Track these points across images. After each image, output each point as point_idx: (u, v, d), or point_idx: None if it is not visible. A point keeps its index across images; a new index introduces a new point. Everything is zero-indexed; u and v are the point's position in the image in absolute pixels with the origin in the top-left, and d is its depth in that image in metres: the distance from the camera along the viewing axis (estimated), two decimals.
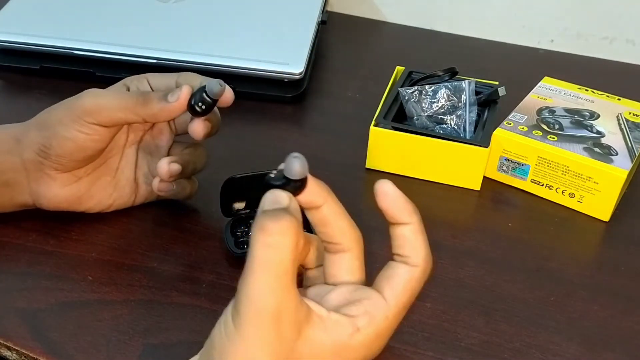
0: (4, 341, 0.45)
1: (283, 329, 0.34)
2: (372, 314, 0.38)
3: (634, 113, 0.62)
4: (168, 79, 0.51)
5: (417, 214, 0.39)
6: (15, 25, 0.71)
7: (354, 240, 0.40)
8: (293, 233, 0.34)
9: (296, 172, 0.36)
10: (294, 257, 0.34)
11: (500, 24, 0.82)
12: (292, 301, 0.34)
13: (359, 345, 0.37)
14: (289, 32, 0.72)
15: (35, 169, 0.49)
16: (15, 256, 0.50)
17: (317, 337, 0.36)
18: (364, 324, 0.37)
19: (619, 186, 0.55)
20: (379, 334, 0.38)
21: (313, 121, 0.69)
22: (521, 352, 0.46)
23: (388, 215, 0.39)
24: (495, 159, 0.59)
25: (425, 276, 0.40)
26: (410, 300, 0.39)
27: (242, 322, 0.34)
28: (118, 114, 0.47)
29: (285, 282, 0.34)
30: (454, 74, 0.63)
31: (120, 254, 0.51)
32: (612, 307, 0.49)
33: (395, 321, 0.39)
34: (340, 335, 0.37)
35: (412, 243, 0.39)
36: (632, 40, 0.78)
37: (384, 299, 0.38)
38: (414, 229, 0.39)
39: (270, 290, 0.33)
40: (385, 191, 0.39)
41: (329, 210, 0.39)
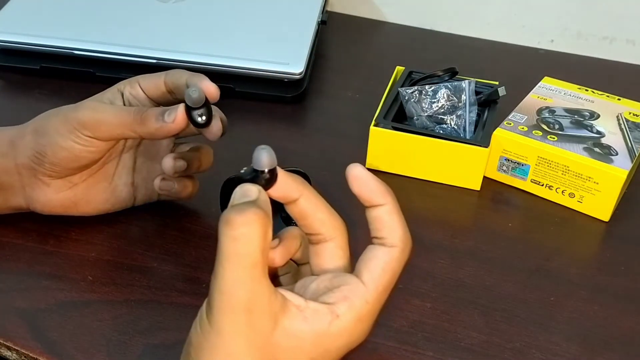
0: (4, 341, 0.45)
1: (257, 320, 0.34)
2: (351, 299, 0.37)
3: (634, 113, 0.62)
4: (156, 79, 0.50)
5: (390, 194, 0.39)
6: (15, 25, 0.71)
7: (335, 229, 0.40)
8: (259, 224, 0.34)
9: (263, 163, 0.37)
10: (263, 248, 0.34)
11: (500, 24, 0.82)
12: (264, 292, 0.35)
13: (340, 331, 0.37)
14: (289, 32, 0.72)
15: (29, 174, 0.49)
16: (15, 256, 0.50)
17: (295, 326, 0.36)
18: (343, 310, 0.37)
19: (619, 186, 0.55)
20: (359, 319, 0.38)
21: (313, 121, 0.69)
22: (521, 352, 0.46)
23: (362, 199, 0.39)
24: (495, 159, 0.59)
25: (404, 256, 0.39)
26: (390, 282, 0.39)
27: (215, 316, 0.34)
28: (116, 130, 0.47)
29: (255, 274, 0.34)
30: (454, 74, 0.63)
31: (120, 254, 0.51)
32: (612, 307, 0.49)
33: (377, 304, 0.38)
34: (319, 324, 0.36)
35: (388, 224, 0.39)
36: (632, 40, 0.78)
37: (363, 283, 0.38)
38: (388, 210, 0.39)
39: (241, 283, 0.34)
40: (355, 175, 0.38)
41: (306, 202, 0.39)
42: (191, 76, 0.48)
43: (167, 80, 0.49)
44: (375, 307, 0.39)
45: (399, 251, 0.39)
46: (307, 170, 0.51)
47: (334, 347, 0.37)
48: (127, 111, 0.47)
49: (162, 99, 0.51)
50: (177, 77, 0.49)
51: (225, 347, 0.34)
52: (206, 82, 0.47)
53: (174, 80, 0.49)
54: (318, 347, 0.37)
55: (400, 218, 0.39)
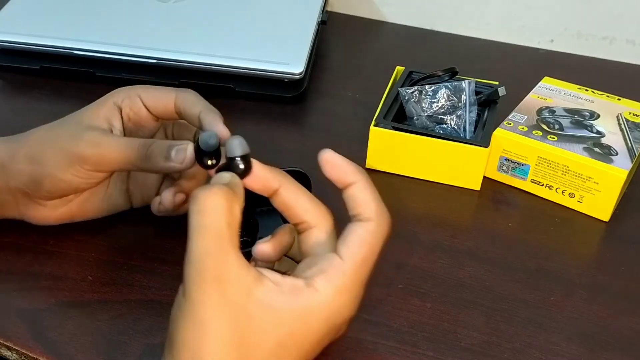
0: (4, 341, 0.45)
1: (228, 290, 0.35)
2: (328, 271, 0.38)
3: (634, 113, 0.62)
4: (165, 97, 0.48)
5: (361, 172, 0.40)
6: (15, 25, 0.71)
7: (318, 216, 0.41)
8: (223, 199, 0.36)
9: (235, 150, 0.39)
10: (228, 221, 0.36)
11: (500, 24, 0.82)
12: (233, 263, 0.36)
13: (319, 305, 0.37)
14: (289, 32, 0.72)
15: (23, 196, 0.48)
16: (15, 256, 0.50)
17: (270, 298, 0.36)
18: (320, 283, 0.37)
19: (619, 186, 0.55)
20: (338, 291, 0.37)
21: (313, 121, 0.69)
22: (521, 352, 0.46)
23: (335, 181, 0.40)
24: (495, 159, 0.59)
25: (381, 228, 0.39)
26: (369, 254, 0.39)
27: (186, 287, 0.36)
28: (119, 166, 0.46)
29: (221, 244, 0.36)
30: (454, 74, 0.63)
31: (120, 254, 0.51)
32: (612, 307, 0.49)
33: (355, 276, 0.38)
34: (296, 297, 0.37)
35: (361, 199, 0.40)
36: (632, 40, 0.78)
37: (340, 257, 0.38)
38: (360, 187, 0.40)
39: (207, 253, 0.35)
40: (327, 159, 0.40)
41: (286, 192, 0.40)
42: (206, 111, 0.46)
43: (179, 103, 0.48)
44: (354, 280, 0.38)
45: (375, 224, 0.39)
46: (307, 170, 0.51)
47: (315, 321, 0.37)
48: (131, 146, 0.46)
49: (167, 117, 0.50)
50: (190, 105, 0.47)
51: (195, 315, 0.35)
52: (221, 127, 0.45)
53: (186, 107, 0.47)
54: (297, 321, 0.37)
55: (373, 193, 0.40)
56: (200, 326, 0.35)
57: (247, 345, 0.36)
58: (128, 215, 0.54)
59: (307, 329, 0.37)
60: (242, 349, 0.35)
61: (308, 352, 0.38)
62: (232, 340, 0.35)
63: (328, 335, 0.39)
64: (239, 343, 0.35)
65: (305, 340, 0.37)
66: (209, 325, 0.35)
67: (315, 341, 0.38)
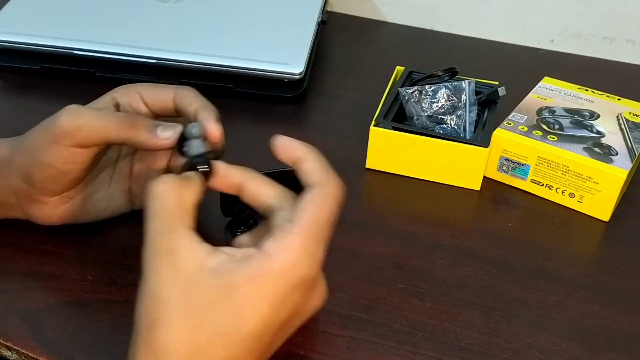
0: (4, 341, 0.45)
1: (178, 262, 0.37)
2: (276, 234, 0.38)
3: (634, 113, 0.62)
4: (164, 93, 0.48)
5: (309, 147, 0.42)
6: (15, 25, 0.71)
7: (281, 198, 0.42)
8: (169, 183, 0.39)
9: (193, 149, 0.43)
10: (177, 202, 0.39)
11: (500, 24, 0.82)
12: (183, 238, 0.38)
13: (272, 265, 0.37)
14: (289, 32, 0.72)
15: (24, 195, 0.48)
16: (15, 256, 0.50)
17: (223, 267, 0.37)
18: (270, 246, 0.38)
19: (619, 186, 0.55)
20: (286, 248, 0.38)
21: (313, 121, 0.69)
22: (521, 352, 0.46)
23: (286, 161, 0.42)
24: (495, 159, 0.59)
25: (328, 189, 0.40)
26: (317, 214, 0.39)
27: (143, 267, 0.38)
28: (97, 135, 0.45)
29: (171, 223, 0.38)
30: (454, 74, 0.63)
31: (120, 254, 0.51)
32: (612, 307, 0.49)
33: (305, 234, 0.38)
34: (249, 261, 0.37)
35: (309, 170, 0.41)
36: (632, 40, 0.78)
37: (289, 220, 0.39)
38: (307, 158, 0.41)
39: (157, 232, 0.38)
40: (278, 143, 0.42)
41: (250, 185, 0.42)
42: (202, 107, 0.46)
43: (177, 99, 0.48)
44: (305, 237, 0.38)
45: (323, 186, 0.40)
46: None
47: (269, 282, 0.37)
48: (113, 115, 0.45)
49: (166, 114, 0.49)
50: (188, 101, 0.47)
51: (149, 289, 0.37)
52: (212, 123, 0.45)
53: (184, 104, 0.47)
54: (250, 283, 0.37)
55: (319, 162, 0.41)
56: (153, 298, 0.37)
57: (199, 313, 0.36)
58: (128, 216, 0.54)
59: (261, 290, 0.37)
60: (195, 317, 0.36)
61: (266, 315, 0.37)
62: (184, 308, 0.36)
63: (289, 297, 0.38)
64: (191, 311, 0.36)
65: (261, 301, 0.37)
66: (163, 295, 0.37)
67: (273, 302, 0.37)
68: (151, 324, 0.37)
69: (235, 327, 0.37)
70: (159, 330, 0.36)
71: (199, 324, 0.36)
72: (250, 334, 0.37)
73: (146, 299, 0.37)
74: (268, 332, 0.38)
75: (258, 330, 0.37)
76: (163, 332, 0.36)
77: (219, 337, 0.36)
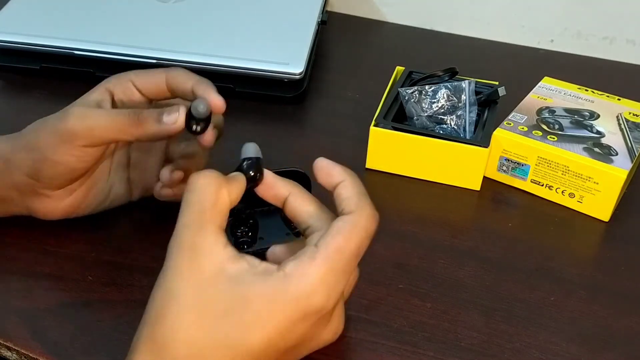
0: (4, 341, 0.45)
1: (199, 259, 0.37)
2: (299, 257, 0.38)
3: (634, 113, 0.62)
4: (155, 77, 0.48)
5: (348, 172, 0.41)
6: (15, 25, 0.71)
7: (322, 220, 0.41)
8: (210, 179, 0.39)
9: (246, 151, 0.43)
10: (212, 200, 0.38)
11: (500, 24, 0.82)
12: (209, 237, 0.37)
13: (287, 287, 0.36)
14: (289, 32, 0.72)
15: (28, 189, 0.48)
16: (15, 256, 0.50)
17: (241, 276, 0.37)
18: (290, 267, 0.37)
19: (619, 186, 0.55)
20: (305, 274, 0.37)
21: (313, 121, 0.69)
22: (521, 352, 0.46)
23: (325, 185, 0.41)
24: (495, 159, 0.59)
25: (360, 219, 0.39)
26: (343, 244, 0.38)
27: (166, 258, 0.38)
28: (109, 135, 0.46)
29: (201, 220, 0.38)
30: (454, 74, 0.63)
31: (120, 254, 0.51)
32: (612, 307, 0.49)
33: (326, 263, 0.37)
34: (266, 278, 0.37)
35: (344, 195, 0.40)
36: (632, 40, 0.78)
37: (315, 245, 0.38)
38: (345, 184, 0.40)
39: (186, 225, 0.38)
40: (319, 167, 0.42)
41: (294, 199, 0.42)
42: (198, 83, 0.47)
43: (170, 81, 0.48)
44: (326, 267, 0.37)
45: (353, 215, 0.39)
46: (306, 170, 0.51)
47: (280, 302, 0.36)
48: (121, 114, 0.46)
49: (160, 97, 0.50)
50: (182, 80, 0.47)
51: (166, 280, 0.37)
52: (213, 95, 0.45)
53: (178, 83, 0.48)
54: (261, 299, 0.36)
55: (356, 188, 0.40)
56: (167, 290, 0.37)
57: (209, 314, 0.36)
58: (128, 215, 0.54)
59: (271, 309, 0.36)
60: (203, 321, 0.36)
61: (272, 337, 0.36)
62: (194, 309, 0.36)
63: (299, 324, 0.37)
64: (201, 311, 0.36)
65: (270, 322, 0.36)
66: (176, 289, 0.36)
67: (282, 326, 0.37)
68: (159, 315, 0.37)
69: (239, 341, 0.36)
70: (164, 324, 0.36)
71: (206, 329, 0.36)
72: (252, 352, 0.36)
73: (160, 289, 0.37)
74: (270, 354, 0.37)
75: (260, 350, 0.37)
76: (168, 326, 0.36)
77: (222, 347, 0.36)
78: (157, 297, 0.37)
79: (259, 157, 0.42)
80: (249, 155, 0.42)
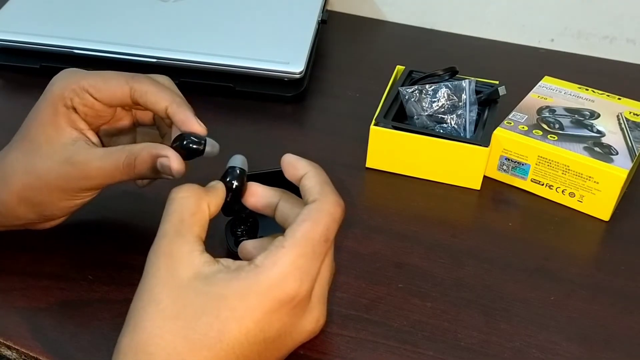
0: (4, 340, 0.45)
1: (175, 265, 0.37)
2: (268, 249, 0.38)
3: (634, 112, 0.62)
4: (115, 88, 0.45)
5: (312, 165, 0.42)
6: (15, 25, 0.71)
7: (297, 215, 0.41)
8: (190, 191, 0.40)
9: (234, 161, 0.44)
10: (192, 211, 0.39)
11: (500, 23, 0.82)
12: (185, 244, 0.38)
13: (259, 277, 0.37)
14: (289, 31, 0.72)
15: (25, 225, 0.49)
16: (15, 256, 0.50)
17: (215, 277, 0.37)
18: (260, 259, 0.38)
19: (619, 186, 0.55)
20: (275, 263, 0.37)
21: (313, 121, 0.69)
22: (521, 352, 0.46)
23: (291, 178, 0.42)
24: (495, 159, 0.59)
25: (324, 206, 0.39)
26: (310, 229, 0.38)
27: (145, 266, 0.39)
28: (104, 183, 0.46)
29: (178, 228, 0.38)
30: (454, 74, 0.63)
31: (120, 253, 0.51)
32: (612, 307, 0.49)
33: (295, 249, 0.38)
34: (239, 273, 0.37)
35: (309, 186, 0.41)
36: (633, 40, 0.78)
37: (283, 235, 0.39)
38: (309, 175, 0.42)
39: (165, 234, 0.38)
40: (285, 161, 0.43)
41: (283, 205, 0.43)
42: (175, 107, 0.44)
43: (138, 98, 0.45)
44: (296, 253, 0.38)
45: (319, 202, 0.40)
46: None
47: (253, 294, 0.37)
48: (115, 165, 0.44)
49: (124, 106, 0.48)
50: (153, 100, 0.45)
51: (144, 286, 0.38)
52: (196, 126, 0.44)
53: (148, 103, 0.45)
54: (236, 294, 0.37)
55: (319, 178, 0.41)
56: (146, 296, 0.37)
57: (186, 320, 0.36)
58: (129, 214, 0.54)
59: (246, 302, 0.37)
60: (180, 323, 0.36)
61: (250, 329, 0.37)
62: (172, 313, 0.36)
63: (275, 314, 0.37)
64: (177, 317, 0.36)
65: (246, 315, 0.37)
66: (154, 295, 0.37)
67: (258, 317, 0.37)
68: (137, 324, 0.37)
69: (217, 339, 0.36)
70: (143, 329, 0.36)
71: (184, 331, 0.36)
72: (232, 348, 0.36)
73: (139, 296, 0.38)
74: (252, 348, 0.37)
75: (240, 344, 0.37)
76: (147, 332, 0.36)
77: (200, 347, 0.36)
78: (136, 303, 0.38)
79: (244, 169, 0.43)
80: (232, 165, 0.43)
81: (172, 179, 0.45)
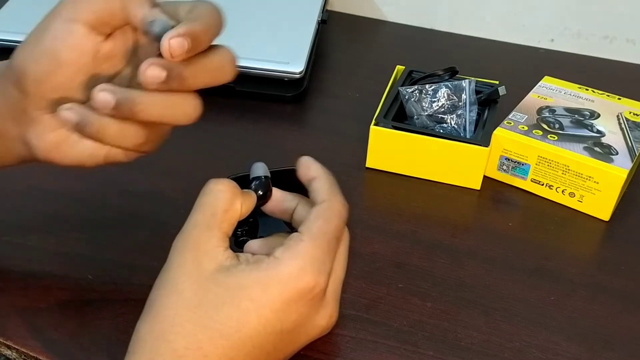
0: (4, 340, 0.45)
1: (200, 257, 0.38)
2: (287, 242, 0.39)
3: (634, 112, 0.62)
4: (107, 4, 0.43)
5: (323, 169, 0.44)
6: (15, 25, 0.71)
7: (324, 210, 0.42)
8: (227, 187, 0.40)
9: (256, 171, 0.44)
10: (225, 207, 0.40)
11: (500, 23, 0.82)
12: (213, 238, 0.39)
13: (279, 269, 0.38)
14: (289, 31, 0.72)
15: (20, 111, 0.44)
16: (15, 255, 0.50)
17: (236, 269, 0.38)
18: (279, 252, 0.39)
19: (619, 186, 0.55)
20: (294, 255, 0.39)
21: (313, 120, 0.69)
22: (521, 352, 0.46)
23: (302, 178, 0.44)
24: (495, 159, 0.59)
25: (333, 205, 0.41)
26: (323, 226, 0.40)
27: (170, 254, 0.39)
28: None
29: (209, 221, 0.39)
30: (454, 73, 0.63)
31: (120, 253, 0.51)
32: (612, 307, 0.49)
33: (311, 242, 0.39)
34: (259, 265, 0.38)
35: (318, 188, 0.43)
36: (632, 40, 0.78)
37: (299, 231, 0.40)
38: (319, 178, 0.43)
39: (195, 225, 0.39)
40: (300, 162, 0.44)
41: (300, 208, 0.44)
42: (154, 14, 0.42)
43: None
44: (312, 246, 0.39)
45: (327, 202, 0.42)
46: None
47: (273, 285, 0.38)
48: None
49: None
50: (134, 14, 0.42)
51: (169, 276, 0.38)
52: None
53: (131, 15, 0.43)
54: (256, 285, 0.38)
55: (328, 181, 0.43)
56: (169, 285, 0.38)
57: (207, 310, 0.37)
58: (129, 214, 0.54)
59: (267, 292, 0.38)
60: (200, 313, 0.37)
61: (269, 319, 0.38)
62: (193, 302, 0.37)
63: (294, 305, 0.39)
64: (198, 307, 0.37)
65: (266, 305, 0.38)
66: (177, 285, 0.38)
67: (277, 307, 0.38)
68: (160, 309, 0.37)
69: (236, 328, 0.37)
70: (164, 317, 0.37)
71: (204, 321, 0.37)
72: (250, 338, 0.37)
73: (162, 284, 0.38)
74: (269, 338, 0.38)
75: (258, 333, 0.37)
76: (168, 321, 0.37)
77: (220, 337, 0.37)
78: (159, 291, 0.38)
79: (267, 175, 0.44)
80: (258, 175, 0.44)
81: None
